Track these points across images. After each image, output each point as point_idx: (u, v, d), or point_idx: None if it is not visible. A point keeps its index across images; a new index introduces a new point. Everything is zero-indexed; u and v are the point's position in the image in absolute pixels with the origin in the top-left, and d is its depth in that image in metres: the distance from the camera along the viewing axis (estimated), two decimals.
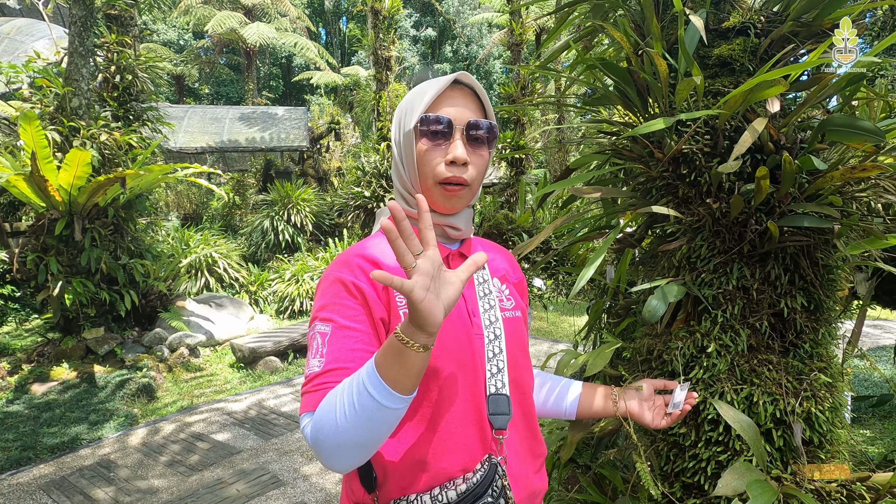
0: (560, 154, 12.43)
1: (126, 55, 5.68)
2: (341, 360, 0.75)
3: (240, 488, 3.05)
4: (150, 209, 5.83)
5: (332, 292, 0.80)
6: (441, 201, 0.86)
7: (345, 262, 0.83)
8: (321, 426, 0.69)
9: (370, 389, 0.65)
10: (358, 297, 0.79)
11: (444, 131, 0.83)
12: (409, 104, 0.87)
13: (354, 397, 0.66)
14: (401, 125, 0.88)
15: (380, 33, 8.70)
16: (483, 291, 0.90)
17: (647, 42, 1.06)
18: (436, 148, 0.84)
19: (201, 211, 10.80)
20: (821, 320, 1.02)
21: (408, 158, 0.86)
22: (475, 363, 0.82)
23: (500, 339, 0.86)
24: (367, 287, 0.80)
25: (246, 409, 4.33)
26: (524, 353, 0.93)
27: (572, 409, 1.03)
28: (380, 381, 0.65)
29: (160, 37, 22.96)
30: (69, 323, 5.03)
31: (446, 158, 0.83)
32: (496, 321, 0.87)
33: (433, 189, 0.85)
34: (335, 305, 0.79)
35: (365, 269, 0.81)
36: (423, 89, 0.87)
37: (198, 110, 12.10)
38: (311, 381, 0.75)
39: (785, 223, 0.94)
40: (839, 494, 0.92)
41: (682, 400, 0.94)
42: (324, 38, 32.68)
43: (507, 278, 0.98)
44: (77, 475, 3.25)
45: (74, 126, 4.90)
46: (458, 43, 29.75)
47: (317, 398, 0.73)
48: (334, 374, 0.74)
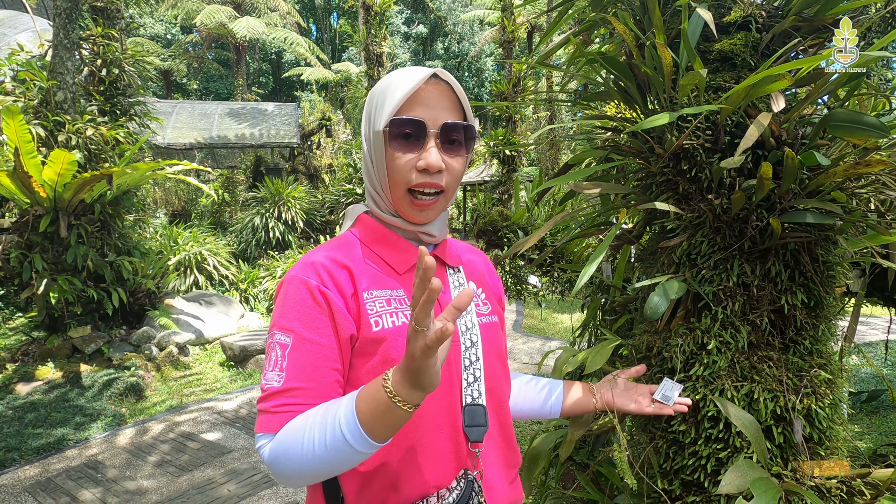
0: (552, 152, 12.46)
1: (112, 49, 5.57)
2: (303, 379, 0.70)
3: (231, 488, 3.02)
4: (138, 206, 5.74)
5: (294, 298, 0.73)
6: (411, 213, 0.80)
7: (310, 263, 0.75)
8: (285, 454, 0.66)
9: (346, 434, 0.63)
10: (323, 306, 0.73)
11: (417, 135, 0.76)
12: (380, 98, 0.79)
13: (327, 437, 0.63)
14: (370, 121, 0.80)
15: (371, 29, 8.64)
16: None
17: (648, 35, 1.05)
18: (408, 153, 0.76)
19: (190, 208, 10.66)
20: (820, 317, 1.02)
21: (377, 160, 0.79)
22: (451, 372, 0.78)
23: (477, 345, 0.82)
24: (335, 295, 0.73)
25: (237, 408, 4.29)
26: (502, 360, 0.89)
27: (556, 408, 1.01)
28: (358, 430, 0.62)
29: (147, 31, 22.62)
30: (55, 321, 4.93)
31: (418, 165, 0.76)
32: (472, 327, 0.83)
33: (403, 198, 0.79)
34: (297, 313, 0.72)
35: (333, 273, 0.74)
36: (394, 82, 0.78)
37: (186, 106, 11.93)
38: (270, 400, 0.70)
39: (786, 219, 0.93)
40: (839, 491, 0.92)
41: (671, 396, 0.94)
42: (314, 34, 32.42)
43: (483, 282, 0.94)
44: (63, 476, 3.19)
45: (59, 120, 4.79)
46: (449, 40, 29.68)
47: (277, 421, 0.69)
48: (295, 395, 0.70)
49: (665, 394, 0.94)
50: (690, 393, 1.03)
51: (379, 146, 0.79)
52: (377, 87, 0.81)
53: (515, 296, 2.49)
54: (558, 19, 1.28)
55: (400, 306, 0.77)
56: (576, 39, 1.24)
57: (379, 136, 0.78)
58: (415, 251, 0.82)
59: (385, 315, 0.75)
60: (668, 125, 1.02)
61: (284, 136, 11.00)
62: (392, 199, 0.80)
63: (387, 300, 0.76)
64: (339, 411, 0.64)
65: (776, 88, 0.86)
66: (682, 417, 1.06)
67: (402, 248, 0.82)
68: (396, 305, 0.76)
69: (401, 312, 0.76)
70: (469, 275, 0.92)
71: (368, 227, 0.84)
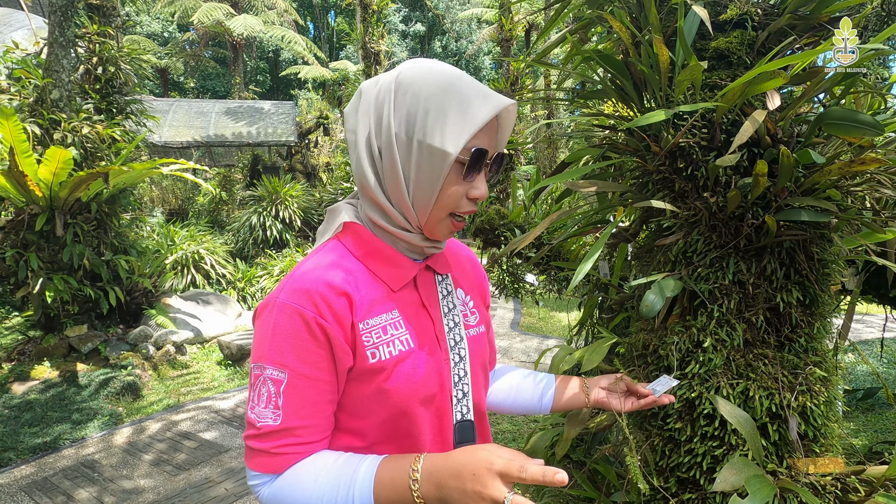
0: (549, 150, 12.46)
1: (108, 46, 5.55)
2: (301, 417, 0.68)
3: (228, 487, 3.01)
4: (135, 204, 5.72)
5: (288, 329, 0.67)
6: (445, 233, 0.76)
7: (305, 292, 0.68)
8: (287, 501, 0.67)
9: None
10: (321, 340, 0.68)
11: (480, 166, 0.71)
12: (437, 109, 0.68)
13: (338, 499, 0.64)
14: (416, 128, 0.69)
15: (368, 27, 8.63)
16: (447, 306, 0.82)
17: (644, 33, 1.05)
18: (465, 182, 0.72)
19: (187, 206, 10.63)
20: (816, 315, 1.02)
21: (426, 179, 0.70)
22: (443, 394, 0.77)
23: (465, 360, 0.80)
24: (333, 328, 0.68)
25: (234, 407, 4.28)
26: (485, 372, 0.88)
27: (548, 404, 1.00)
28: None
29: (144, 28, 22.53)
30: (51, 320, 4.92)
31: (470, 194, 0.73)
32: (461, 341, 0.81)
33: (444, 220, 0.74)
34: (292, 347, 0.67)
35: (331, 302, 0.68)
36: (463, 98, 0.68)
37: (183, 104, 11.89)
38: (268, 440, 0.68)
39: (782, 217, 0.94)
40: (834, 488, 0.93)
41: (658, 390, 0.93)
42: (312, 32, 32.34)
43: (471, 288, 0.92)
44: (60, 475, 3.18)
45: (55, 119, 4.77)
46: (447, 38, 29.65)
47: (280, 463, 0.68)
48: (295, 435, 0.68)
49: (654, 387, 0.94)
50: (686, 391, 1.03)
51: (432, 164, 0.69)
52: (427, 89, 0.69)
53: (513, 294, 2.49)
54: (555, 17, 1.28)
55: (396, 332, 0.74)
56: (572, 37, 1.24)
57: (439, 155, 0.68)
58: (411, 267, 0.78)
59: (382, 346, 0.72)
60: (664, 123, 1.02)
61: (282, 134, 10.98)
62: (428, 218, 0.73)
63: (383, 328, 0.73)
64: (355, 487, 0.64)
65: (772, 86, 0.86)
66: (677, 415, 1.06)
67: (398, 265, 0.77)
68: (392, 332, 0.74)
69: (397, 340, 0.73)
70: (457, 280, 0.89)
71: (361, 239, 0.77)
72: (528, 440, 1.36)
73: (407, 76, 0.71)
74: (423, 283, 0.80)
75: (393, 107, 0.70)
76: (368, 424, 0.73)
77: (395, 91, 0.71)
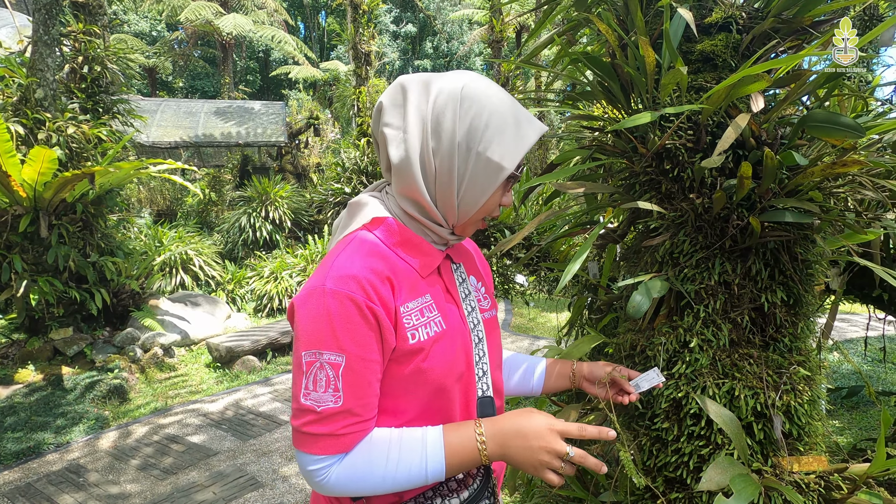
0: (540, 151, 12.51)
1: (94, 45, 5.47)
2: (361, 397, 0.73)
3: (216, 491, 2.98)
4: (122, 205, 5.64)
5: (340, 315, 0.71)
6: (473, 230, 0.87)
7: (353, 277, 0.73)
8: (358, 477, 0.72)
9: (428, 473, 0.73)
10: (372, 322, 0.73)
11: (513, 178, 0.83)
12: (498, 126, 0.76)
13: (412, 472, 0.72)
14: (477, 140, 0.75)
15: (359, 28, 8.60)
16: (464, 292, 0.90)
17: (631, 36, 1.05)
18: (506, 192, 0.84)
19: (176, 207, 10.52)
20: (800, 314, 1.03)
21: (478, 186, 0.78)
22: (469, 372, 0.84)
23: (483, 341, 0.87)
24: (381, 311, 0.73)
25: (223, 410, 4.24)
26: (499, 352, 0.95)
27: (538, 386, 1.05)
28: (441, 473, 0.73)
29: (131, 27, 22.26)
30: (35, 323, 4.84)
31: (503, 202, 0.84)
32: (479, 324, 0.88)
33: (477, 222, 0.86)
34: (346, 331, 0.71)
35: (377, 288, 0.74)
36: (517, 119, 0.78)
37: (171, 104, 11.76)
38: (330, 421, 0.72)
39: (766, 218, 0.95)
40: (817, 486, 0.94)
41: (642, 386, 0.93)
42: (302, 32, 32.20)
43: (480, 275, 0.99)
44: (44, 481, 3.13)
45: (39, 118, 4.69)
46: (438, 39, 29.67)
47: (344, 443, 0.72)
48: (357, 415, 0.73)
49: (639, 383, 0.94)
50: (673, 391, 1.03)
51: (491, 177, 0.77)
52: (490, 106, 0.76)
53: (503, 295, 2.49)
54: (543, 19, 1.29)
55: (430, 314, 0.80)
56: (560, 39, 1.25)
57: (496, 168, 0.76)
58: (437, 255, 0.85)
59: (420, 328, 0.78)
60: (650, 125, 1.03)
61: (272, 134, 10.90)
62: (467, 220, 0.83)
63: (420, 311, 0.79)
64: (427, 457, 0.73)
65: (755, 89, 0.87)
66: (664, 415, 1.07)
67: (427, 252, 0.84)
68: (428, 315, 0.80)
69: (432, 322, 0.80)
70: (468, 268, 0.96)
71: (392, 230, 0.82)
72: None
73: (472, 89, 0.77)
74: (446, 270, 0.88)
75: (458, 115, 0.76)
76: (407, 403, 0.79)
77: (461, 101, 0.76)
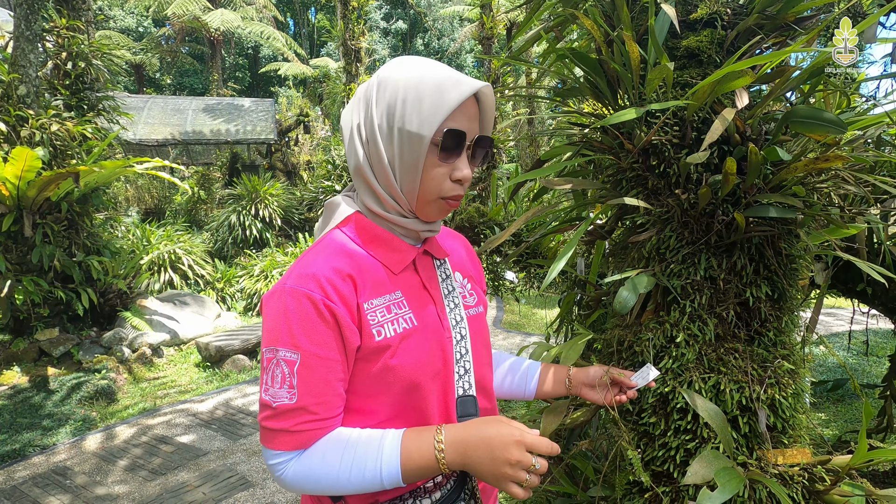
0: (531, 148, 12.54)
1: (78, 41, 5.38)
2: (316, 395, 0.72)
3: (206, 491, 2.96)
4: (109, 204, 5.56)
5: (296, 312, 0.72)
6: (437, 215, 0.81)
7: (312, 276, 0.73)
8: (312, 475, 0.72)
9: (384, 477, 0.70)
10: (330, 320, 0.72)
11: (458, 147, 0.76)
12: (415, 97, 0.74)
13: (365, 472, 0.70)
14: (395, 117, 0.75)
15: (349, 24, 8.54)
16: (447, 289, 0.87)
17: (617, 32, 1.05)
18: (448, 163, 0.77)
19: (164, 206, 10.40)
20: (784, 309, 1.04)
21: (408, 163, 0.76)
22: (447, 370, 0.81)
23: (466, 339, 0.84)
24: (340, 308, 0.72)
25: (212, 410, 4.20)
26: (487, 349, 0.92)
27: (532, 390, 1.03)
28: (398, 478, 0.70)
29: (117, 23, 21.91)
30: (20, 324, 4.76)
31: (453, 175, 0.77)
32: (461, 321, 0.85)
33: (432, 203, 0.79)
34: (303, 329, 0.71)
35: (337, 285, 0.73)
36: (435, 83, 0.74)
37: (159, 101, 11.61)
38: (285, 418, 0.72)
39: (751, 213, 0.95)
40: (801, 478, 0.95)
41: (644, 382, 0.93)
42: (292, 29, 31.92)
43: (468, 272, 0.96)
44: (30, 483, 3.08)
45: (22, 115, 4.61)
46: (429, 36, 29.56)
47: (300, 440, 0.72)
48: (312, 412, 0.72)
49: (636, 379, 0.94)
50: (660, 385, 1.04)
51: (413, 150, 0.75)
52: (404, 81, 0.75)
53: (493, 292, 2.49)
54: (530, 15, 1.28)
55: (399, 311, 0.78)
56: (547, 35, 1.24)
57: (415, 138, 0.74)
58: (410, 251, 0.83)
59: (387, 324, 0.76)
60: (636, 121, 1.03)
61: (261, 132, 10.80)
62: (417, 202, 0.79)
63: (387, 307, 0.78)
64: (382, 461, 0.70)
65: (740, 85, 0.88)
66: (652, 410, 1.07)
67: (398, 249, 0.82)
68: (396, 311, 0.78)
69: (400, 318, 0.78)
70: (454, 265, 0.93)
71: (362, 227, 0.82)
72: None
73: (386, 72, 0.78)
74: (423, 266, 0.85)
75: (375, 101, 0.77)
76: (378, 402, 0.77)
77: (378, 86, 0.78)
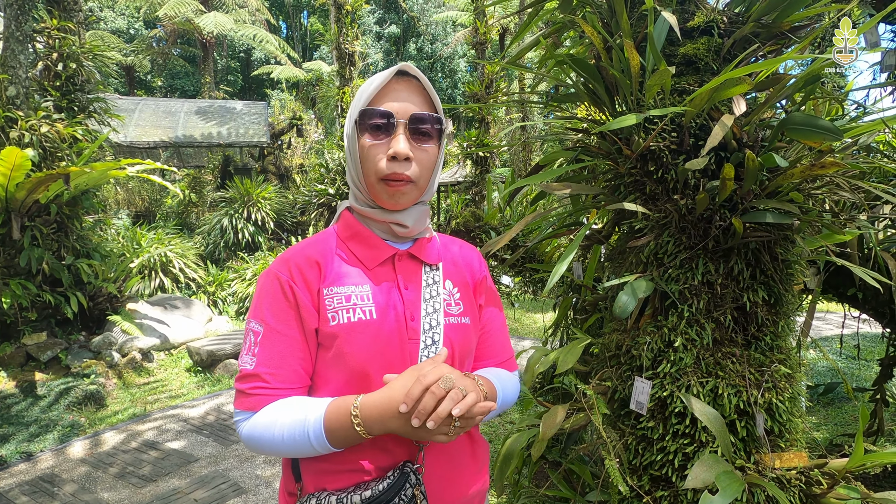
0: (524, 153, 12.59)
1: (69, 42, 5.32)
2: (270, 365, 0.80)
3: (198, 497, 2.92)
4: (98, 206, 5.49)
5: (267, 290, 0.82)
6: (385, 197, 0.84)
7: (285, 260, 0.84)
8: (258, 437, 0.78)
9: (312, 441, 0.75)
10: (290, 300, 0.81)
11: (386, 125, 0.82)
12: (358, 95, 0.87)
13: (296, 433, 0.75)
14: (349, 116, 0.88)
15: (343, 28, 8.55)
16: (429, 294, 0.87)
17: (617, 38, 1.06)
18: (378, 143, 0.82)
19: (155, 208, 10.30)
20: (780, 313, 1.05)
21: (353, 151, 0.86)
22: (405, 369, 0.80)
23: (438, 344, 0.83)
24: (302, 291, 0.81)
25: (203, 415, 4.15)
26: (467, 357, 0.90)
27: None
28: (322, 438, 0.74)
29: (108, 24, 21.75)
30: (7, 328, 4.68)
31: (388, 153, 0.82)
32: (436, 326, 0.84)
33: (377, 185, 0.84)
34: (269, 305, 0.81)
35: (303, 269, 0.82)
36: (370, 80, 0.87)
37: (150, 103, 11.53)
38: (245, 381, 0.80)
39: (748, 219, 0.96)
40: (798, 481, 0.96)
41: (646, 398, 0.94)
42: (284, 32, 31.86)
43: (463, 281, 0.94)
44: (16, 491, 3.02)
45: (11, 116, 4.55)
46: (422, 41, 29.63)
47: (252, 402, 0.80)
48: (264, 379, 0.79)
49: (639, 400, 0.95)
50: (658, 390, 1.04)
51: (350, 135, 0.85)
52: (366, 83, 0.87)
53: None
54: (529, 21, 1.29)
55: (360, 302, 0.82)
56: (546, 41, 1.25)
57: (350, 125, 0.84)
58: (385, 248, 0.86)
59: (342, 311, 0.80)
60: (635, 127, 1.04)
61: (254, 135, 10.75)
62: (367, 187, 0.85)
63: (346, 297, 0.82)
64: (309, 416, 0.75)
65: (737, 92, 0.89)
66: (650, 414, 1.08)
67: (374, 246, 0.86)
68: (356, 301, 0.82)
69: (358, 308, 0.81)
70: (448, 273, 0.92)
71: (346, 223, 0.90)
72: (503, 441, 1.36)
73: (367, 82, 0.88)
74: (404, 268, 0.88)
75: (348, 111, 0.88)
76: (332, 388, 0.81)
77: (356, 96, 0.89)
